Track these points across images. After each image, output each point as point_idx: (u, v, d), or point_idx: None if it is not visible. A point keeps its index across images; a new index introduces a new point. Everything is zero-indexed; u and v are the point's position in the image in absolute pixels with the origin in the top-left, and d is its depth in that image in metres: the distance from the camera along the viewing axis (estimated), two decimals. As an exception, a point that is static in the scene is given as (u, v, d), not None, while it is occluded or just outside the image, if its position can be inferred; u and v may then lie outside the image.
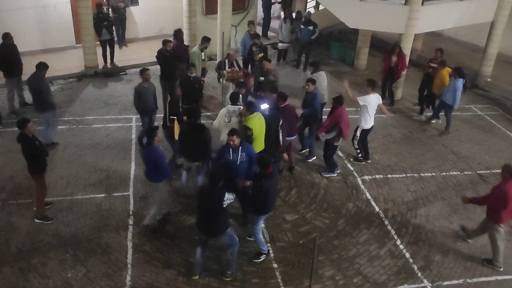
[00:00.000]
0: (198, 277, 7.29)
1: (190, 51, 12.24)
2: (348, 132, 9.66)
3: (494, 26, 14.19)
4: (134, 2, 16.11)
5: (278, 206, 8.88)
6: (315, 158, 10.42)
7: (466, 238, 8.43)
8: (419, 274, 7.70)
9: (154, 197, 8.19)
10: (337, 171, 10.05)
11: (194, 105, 10.46)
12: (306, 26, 14.76)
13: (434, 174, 10.31)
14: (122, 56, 15.17)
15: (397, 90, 13.46)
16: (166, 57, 11.38)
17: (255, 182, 7.33)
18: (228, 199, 6.74)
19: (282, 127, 8.73)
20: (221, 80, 12.35)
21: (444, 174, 10.27)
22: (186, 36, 14.25)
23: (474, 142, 11.73)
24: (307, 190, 9.54)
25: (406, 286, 7.48)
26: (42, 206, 8.23)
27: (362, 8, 12.70)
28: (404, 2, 12.50)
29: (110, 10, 15.13)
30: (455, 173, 10.34)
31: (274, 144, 8.75)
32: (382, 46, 16.77)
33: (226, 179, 7.13)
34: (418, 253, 8.13)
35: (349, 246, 8.18)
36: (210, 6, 15.36)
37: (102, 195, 8.99)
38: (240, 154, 7.68)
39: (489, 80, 14.84)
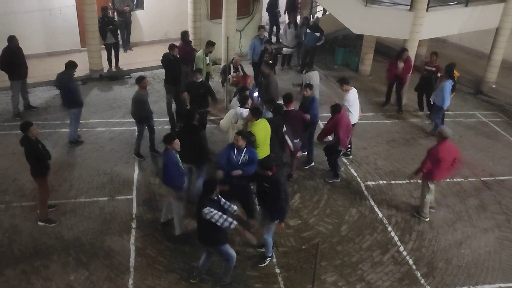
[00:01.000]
0: (196, 281, 7.25)
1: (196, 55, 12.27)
2: (347, 139, 9.66)
3: (499, 32, 14.18)
4: (139, 6, 16.18)
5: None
6: (313, 164, 10.38)
7: (423, 217, 8.95)
8: (422, 281, 7.66)
9: (171, 201, 8.01)
10: (340, 170, 10.04)
11: (204, 109, 10.52)
12: (312, 32, 14.76)
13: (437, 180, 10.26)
14: (127, 59, 15.22)
15: (402, 96, 13.41)
16: (171, 61, 11.40)
17: (258, 182, 7.35)
18: (222, 218, 6.49)
19: (285, 133, 8.72)
20: (225, 84, 12.38)
21: (447, 180, 10.22)
22: (191, 40, 14.26)
23: (478, 149, 11.68)
24: (310, 195, 9.52)
25: (409, 293, 7.46)
26: (45, 209, 8.25)
27: (366, 13, 12.70)
28: (409, 8, 12.50)
29: (115, 14, 15.20)
30: (459, 179, 10.29)
31: (279, 149, 8.72)
32: (387, 51, 16.79)
33: (229, 183, 7.12)
34: (422, 259, 8.09)
35: (352, 252, 8.16)
36: (215, 11, 15.40)
37: (105, 199, 9.00)
38: (243, 155, 7.74)
39: (493, 86, 14.80)
